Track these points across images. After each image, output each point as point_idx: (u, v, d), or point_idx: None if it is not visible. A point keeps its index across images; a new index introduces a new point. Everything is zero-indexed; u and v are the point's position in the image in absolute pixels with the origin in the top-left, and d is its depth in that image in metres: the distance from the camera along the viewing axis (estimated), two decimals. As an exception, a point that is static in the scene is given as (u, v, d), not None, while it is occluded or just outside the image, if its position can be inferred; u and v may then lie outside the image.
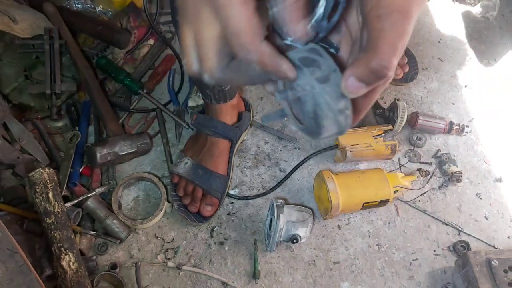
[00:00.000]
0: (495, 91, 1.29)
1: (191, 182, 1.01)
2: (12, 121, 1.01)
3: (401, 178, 1.03)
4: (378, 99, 1.21)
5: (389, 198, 0.99)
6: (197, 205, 1.01)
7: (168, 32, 1.31)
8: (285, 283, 0.97)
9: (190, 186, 1.02)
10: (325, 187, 0.96)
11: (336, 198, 0.95)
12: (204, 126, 1.03)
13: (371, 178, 1.00)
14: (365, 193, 0.98)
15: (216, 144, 1.03)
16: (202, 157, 1.03)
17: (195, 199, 1.01)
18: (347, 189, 0.97)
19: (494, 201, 1.10)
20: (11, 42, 1.13)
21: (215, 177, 1.02)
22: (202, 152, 1.03)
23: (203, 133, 1.04)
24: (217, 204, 1.03)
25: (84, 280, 0.82)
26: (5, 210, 0.91)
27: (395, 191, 1.00)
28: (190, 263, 0.99)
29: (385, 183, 0.99)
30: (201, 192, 1.02)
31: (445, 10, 1.46)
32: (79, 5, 1.27)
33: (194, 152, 1.04)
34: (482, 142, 1.19)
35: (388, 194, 0.98)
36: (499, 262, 0.88)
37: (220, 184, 1.02)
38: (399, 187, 1.01)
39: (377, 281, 0.98)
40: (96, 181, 1.06)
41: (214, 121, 1.03)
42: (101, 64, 1.17)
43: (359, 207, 0.99)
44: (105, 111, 1.07)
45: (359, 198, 0.98)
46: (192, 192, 1.02)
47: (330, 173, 0.99)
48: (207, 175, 1.01)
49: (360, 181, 0.99)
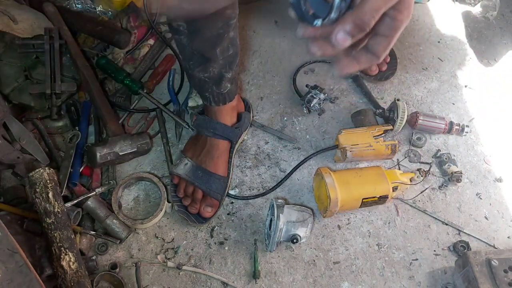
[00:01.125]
0: (495, 91, 1.29)
1: (191, 183, 1.02)
2: (12, 121, 1.01)
3: (400, 175, 1.03)
4: (378, 99, 1.21)
5: (388, 194, 0.99)
6: (197, 206, 1.01)
7: (168, 32, 1.31)
8: (285, 283, 0.97)
9: (190, 187, 1.02)
10: (324, 184, 0.96)
11: (335, 193, 0.95)
12: (204, 127, 1.03)
13: (369, 174, 1.00)
14: (363, 189, 0.98)
15: (216, 145, 1.04)
16: (202, 159, 1.03)
17: (195, 200, 1.02)
18: (346, 184, 0.97)
19: (494, 201, 1.10)
20: (11, 42, 1.13)
21: (215, 178, 1.02)
22: (202, 153, 1.03)
23: (203, 134, 1.04)
24: (217, 205, 1.03)
25: (84, 280, 0.82)
26: (5, 210, 0.91)
27: (394, 188, 1.00)
28: (190, 263, 0.99)
29: (383, 179, 0.99)
30: (201, 193, 1.02)
31: (445, 10, 1.46)
32: (79, 5, 1.27)
33: (194, 153, 1.04)
34: (482, 142, 1.19)
35: (386, 189, 0.98)
36: (499, 262, 0.88)
37: (220, 186, 1.03)
38: (397, 183, 1.01)
39: (377, 281, 0.98)
40: (96, 181, 1.06)
41: (214, 122, 1.03)
42: (101, 64, 1.17)
43: (358, 203, 0.99)
44: (105, 111, 1.07)
45: (358, 194, 0.98)
46: (192, 193, 1.02)
47: (328, 170, 0.99)
48: (207, 176, 1.02)
49: (358, 177, 0.99)
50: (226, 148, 1.06)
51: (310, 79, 1.26)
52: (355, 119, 1.15)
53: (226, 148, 1.06)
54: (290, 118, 1.20)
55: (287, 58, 1.29)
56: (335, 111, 1.21)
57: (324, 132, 1.18)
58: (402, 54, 1.33)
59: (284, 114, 1.20)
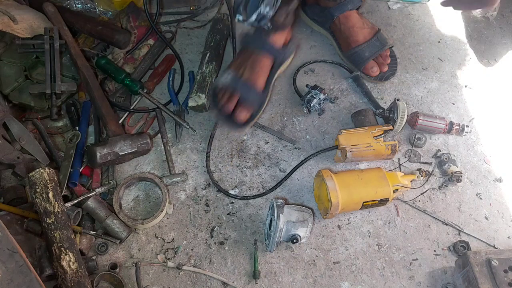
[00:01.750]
0: (495, 91, 1.29)
1: (230, 92, 1.06)
2: (12, 121, 1.01)
3: (401, 177, 1.03)
4: (378, 99, 1.21)
5: (389, 197, 0.99)
6: (232, 105, 1.06)
7: (168, 32, 1.31)
8: (285, 283, 0.98)
9: (228, 94, 1.07)
10: (325, 187, 0.96)
11: (336, 197, 0.95)
12: (251, 40, 1.08)
13: (371, 177, 1.00)
14: (364, 192, 0.98)
15: (259, 60, 1.08)
16: (243, 71, 1.08)
17: (231, 100, 1.06)
18: (347, 187, 0.97)
19: (494, 201, 1.10)
20: (11, 42, 1.13)
21: (253, 89, 1.07)
22: (244, 66, 1.08)
23: (248, 48, 1.09)
24: (251, 112, 1.08)
25: (84, 280, 0.82)
26: (5, 210, 0.91)
27: (394, 190, 1.00)
28: (190, 263, 0.99)
29: (384, 182, 0.99)
30: (238, 98, 1.07)
31: (445, 10, 1.45)
32: (79, 5, 1.27)
33: (237, 66, 1.09)
34: (482, 142, 1.19)
35: (388, 193, 0.99)
36: (499, 262, 0.88)
37: (256, 98, 1.08)
38: (398, 186, 1.01)
39: (377, 281, 0.98)
40: (96, 181, 1.06)
41: (262, 38, 1.07)
42: (101, 64, 1.17)
43: (359, 206, 0.99)
44: (105, 111, 1.07)
45: (359, 197, 0.98)
46: (229, 100, 1.07)
47: (330, 172, 0.99)
48: (246, 88, 1.06)
49: (360, 180, 0.99)
50: (268, 65, 1.10)
51: (310, 79, 1.26)
52: (355, 119, 1.15)
53: (268, 65, 1.10)
54: (290, 118, 1.20)
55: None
56: (335, 111, 1.21)
57: (324, 132, 1.18)
58: (402, 54, 1.33)
59: (284, 114, 1.20)
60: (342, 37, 1.23)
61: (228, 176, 1.11)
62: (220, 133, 1.17)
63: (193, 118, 1.19)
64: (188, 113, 1.19)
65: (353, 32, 1.21)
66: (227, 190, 1.08)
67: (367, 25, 1.23)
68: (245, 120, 1.07)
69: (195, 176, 1.10)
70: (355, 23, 1.21)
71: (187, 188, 1.09)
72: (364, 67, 1.21)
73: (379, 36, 1.21)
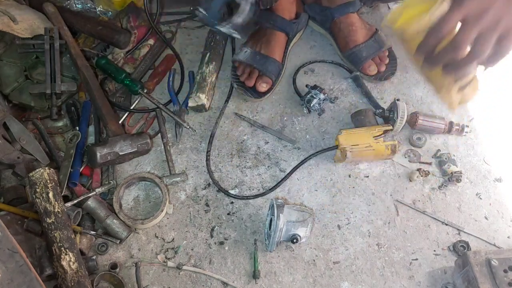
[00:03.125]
0: (495, 91, 1.28)
1: (249, 65, 1.17)
2: (12, 121, 1.01)
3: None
4: (378, 99, 1.21)
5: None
6: (253, 81, 1.16)
7: (168, 32, 1.31)
8: (285, 283, 0.98)
9: (248, 68, 1.18)
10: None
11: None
12: (264, 19, 1.16)
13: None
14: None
15: (274, 35, 1.18)
16: (260, 46, 1.18)
17: (251, 76, 1.17)
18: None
19: (494, 201, 1.10)
20: (11, 42, 1.13)
21: (271, 61, 1.16)
22: (260, 41, 1.18)
23: (263, 26, 1.18)
24: (271, 83, 1.18)
25: (84, 280, 0.82)
26: (5, 210, 0.91)
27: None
28: (190, 263, 0.99)
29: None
30: (257, 72, 1.17)
31: (445, 10, 1.46)
32: (79, 5, 1.27)
33: (254, 42, 1.19)
34: (482, 142, 1.19)
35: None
36: (499, 262, 0.88)
37: (275, 68, 1.17)
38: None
39: (377, 281, 0.98)
40: (96, 181, 1.06)
41: (274, 15, 1.16)
42: (101, 64, 1.17)
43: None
44: (105, 111, 1.07)
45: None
46: (249, 73, 1.17)
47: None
48: (264, 59, 1.16)
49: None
50: (283, 39, 1.20)
51: (310, 79, 1.26)
52: (355, 119, 1.15)
53: (283, 39, 1.20)
54: (290, 118, 1.20)
55: (287, 58, 1.29)
56: (335, 111, 1.21)
57: (324, 132, 1.18)
58: (402, 54, 1.33)
59: (284, 114, 1.21)
60: (341, 36, 1.24)
61: (228, 176, 1.11)
62: (220, 133, 1.17)
63: (193, 118, 1.19)
64: (188, 113, 1.19)
65: (352, 32, 1.21)
66: (227, 190, 1.08)
67: (366, 25, 1.24)
68: (267, 90, 1.18)
69: (195, 176, 1.10)
70: (354, 23, 1.22)
71: (187, 188, 1.09)
72: (362, 67, 1.22)
73: (377, 37, 1.22)
